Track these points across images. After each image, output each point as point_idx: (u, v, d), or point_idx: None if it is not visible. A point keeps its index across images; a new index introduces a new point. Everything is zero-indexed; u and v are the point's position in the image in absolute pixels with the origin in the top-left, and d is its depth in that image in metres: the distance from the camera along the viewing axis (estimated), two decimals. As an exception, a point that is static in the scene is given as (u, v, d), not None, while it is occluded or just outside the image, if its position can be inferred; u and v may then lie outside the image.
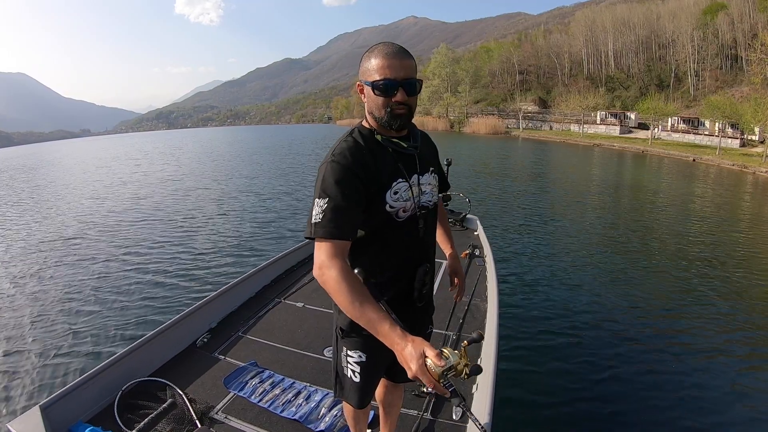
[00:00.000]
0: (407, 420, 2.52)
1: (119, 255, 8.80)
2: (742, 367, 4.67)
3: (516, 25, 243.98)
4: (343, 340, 1.79)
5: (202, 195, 16.24)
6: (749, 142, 33.04)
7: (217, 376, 2.94)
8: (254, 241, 9.57)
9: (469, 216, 6.66)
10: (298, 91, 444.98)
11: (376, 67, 1.50)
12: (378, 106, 1.54)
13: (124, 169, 28.39)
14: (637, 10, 60.28)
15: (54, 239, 10.47)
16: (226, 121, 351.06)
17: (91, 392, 2.62)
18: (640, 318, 5.85)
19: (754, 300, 6.54)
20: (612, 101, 52.99)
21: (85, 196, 17.73)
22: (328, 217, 1.43)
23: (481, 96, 68.75)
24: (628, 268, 7.86)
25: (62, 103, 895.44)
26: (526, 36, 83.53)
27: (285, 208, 13.16)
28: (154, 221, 11.97)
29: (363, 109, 1.66)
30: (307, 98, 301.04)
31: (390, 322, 1.32)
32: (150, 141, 77.57)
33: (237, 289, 4.05)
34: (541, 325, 5.47)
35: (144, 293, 6.68)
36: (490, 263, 4.58)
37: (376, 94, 1.52)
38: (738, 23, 48.32)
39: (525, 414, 3.82)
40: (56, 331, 5.59)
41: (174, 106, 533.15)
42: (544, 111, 59.50)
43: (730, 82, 46.96)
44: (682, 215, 12.29)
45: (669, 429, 3.73)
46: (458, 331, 3.50)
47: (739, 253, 8.81)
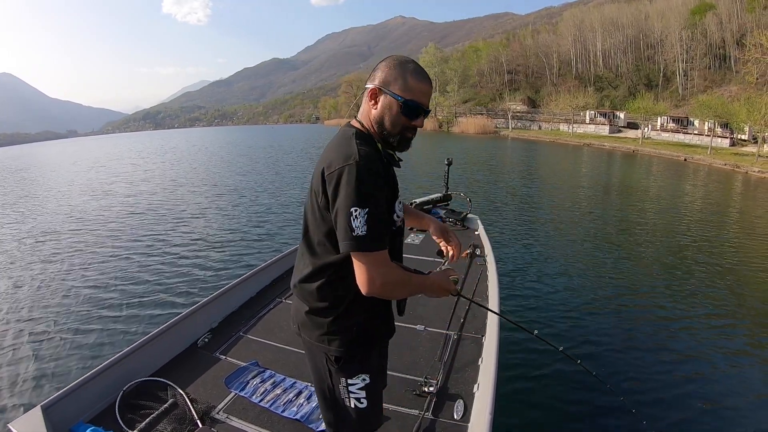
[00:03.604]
0: (408, 420, 2.50)
1: (120, 255, 8.76)
2: (747, 364, 4.72)
3: (504, 25, 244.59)
4: (339, 371, 1.65)
5: (203, 195, 16.02)
6: (739, 141, 33.23)
7: (219, 376, 2.93)
8: (256, 241, 9.53)
9: (469, 216, 6.63)
10: (286, 91, 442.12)
11: (413, 86, 1.50)
12: (395, 123, 1.53)
13: (122, 169, 27.72)
14: (625, 10, 60.65)
15: (54, 240, 10.29)
16: (213, 122, 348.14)
17: (93, 392, 2.60)
18: (641, 316, 5.89)
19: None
20: (601, 101, 53.08)
21: (84, 195, 17.45)
22: (373, 228, 1.38)
23: (470, 96, 68.78)
24: (630, 267, 7.91)
25: (48, 103, 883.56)
26: (515, 36, 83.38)
27: (285, 208, 13.03)
28: (154, 221, 11.87)
29: (350, 110, 1.30)
30: (295, 98, 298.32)
31: (422, 276, 1.59)
32: (139, 141, 76.37)
33: (238, 289, 4.03)
34: (542, 324, 5.48)
35: (145, 293, 6.68)
36: (491, 263, 4.53)
37: (402, 112, 1.51)
38: (726, 23, 48.91)
39: (526, 413, 3.84)
40: (57, 331, 5.56)
41: (161, 107, 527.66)
42: (533, 111, 59.58)
43: (719, 82, 47.32)
44: (684, 217, 12.13)
45: (671, 425, 3.73)
46: (459, 330, 3.45)
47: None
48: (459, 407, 2.57)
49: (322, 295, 1.59)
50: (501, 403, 2.71)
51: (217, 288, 4.14)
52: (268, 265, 4.57)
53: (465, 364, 3.03)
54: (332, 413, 1.75)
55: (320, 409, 1.83)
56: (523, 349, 4.79)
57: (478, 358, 3.03)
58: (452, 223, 6.45)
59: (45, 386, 4.34)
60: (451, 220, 6.48)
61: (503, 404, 3.33)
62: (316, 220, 1.54)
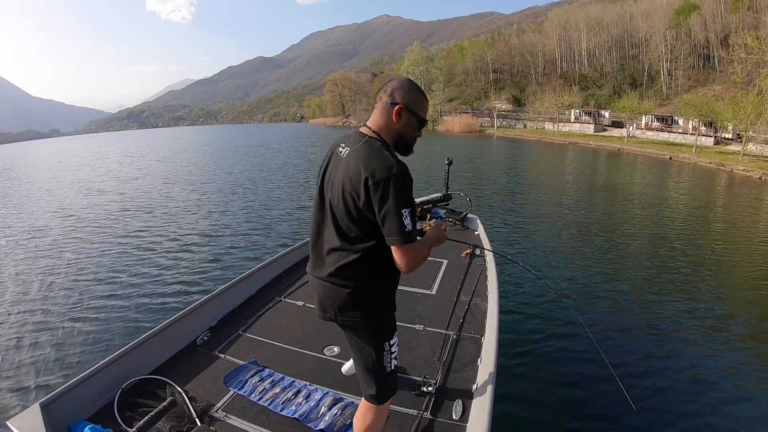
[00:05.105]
0: (407, 419, 2.50)
1: (119, 253, 8.76)
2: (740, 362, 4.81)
3: (489, 25, 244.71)
4: (383, 337, 2.02)
5: (202, 193, 15.85)
6: (723, 139, 33.49)
7: (217, 375, 2.92)
8: (254, 239, 9.52)
9: (469, 215, 6.60)
10: (271, 90, 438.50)
11: (426, 107, 1.97)
12: (413, 134, 1.96)
13: (120, 168, 27.24)
14: (610, 10, 60.99)
15: (52, 239, 10.23)
16: (197, 121, 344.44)
17: (92, 390, 2.59)
18: (642, 315, 5.92)
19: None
20: (586, 99, 53.25)
21: (81, 193, 17.30)
22: (414, 224, 1.78)
23: (455, 94, 68.71)
24: (631, 266, 7.93)
25: (31, 102, 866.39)
26: (500, 35, 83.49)
27: (284, 207, 12.98)
28: (153, 219, 11.89)
29: (335, 108, 1.94)
30: (280, 97, 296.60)
31: (428, 239, 2.04)
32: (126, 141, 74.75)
33: (237, 287, 4.03)
34: (541, 324, 5.51)
35: (144, 291, 6.68)
36: (491, 263, 4.49)
37: (419, 126, 1.95)
38: (710, 23, 49.38)
39: (526, 412, 3.85)
40: (57, 328, 5.58)
41: (145, 105, 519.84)
42: (518, 109, 59.65)
43: (703, 81, 47.73)
44: (674, 216, 12.20)
45: (672, 424, 3.76)
46: (458, 330, 3.43)
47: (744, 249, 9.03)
48: (458, 407, 2.55)
49: (363, 276, 1.90)
50: (500, 403, 2.71)
51: (217, 286, 4.16)
52: (268, 263, 4.57)
53: (464, 364, 3.01)
54: (374, 381, 2.04)
55: (362, 382, 2.08)
56: (521, 350, 4.83)
57: (477, 358, 3.02)
58: (452, 223, 6.40)
59: (44, 384, 4.35)
60: (451, 220, 6.43)
61: (502, 404, 3.35)
62: (353, 217, 1.84)
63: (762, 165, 22.38)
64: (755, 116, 25.45)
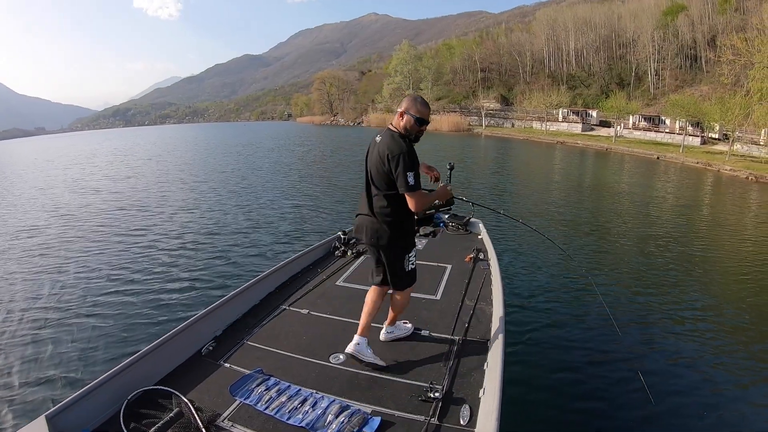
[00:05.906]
0: (414, 426, 2.48)
1: (124, 263, 8.54)
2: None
3: (477, 23, 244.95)
4: (404, 251, 3.07)
5: (204, 199, 15.36)
6: (710, 139, 33.78)
7: (223, 384, 2.88)
8: (259, 247, 9.28)
9: (472, 220, 6.57)
10: (258, 88, 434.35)
11: (420, 110, 2.91)
12: (412, 128, 2.93)
13: (120, 169, 26.48)
14: (598, 10, 61.36)
15: (56, 246, 9.89)
16: (184, 119, 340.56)
17: (97, 401, 2.58)
18: (646, 318, 5.90)
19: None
20: (573, 99, 53.37)
21: (84, 199, 16.48)
22: (417, 180, 2.81)
23: (443, 93, 68.57)
24: (635, 267, 7.92)
25: (17, 99, 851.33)
26: (488, 34, 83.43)
27: (289, 214, 12.42)
28: (157, 228, 11.33)
29: (323, 106, 59.99)
30: (267, 95, 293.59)
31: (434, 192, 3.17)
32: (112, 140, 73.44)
33: (242, 296, 4.02)
34: (547, 328, 5.49)
35: (149, 302, 6.60)
36: (495, 267, 4.53)
37: (418, 123, 2.92)
38: (698, 24, 49.89)
39: (533, 417, 3.86)
40: (61, 340, 5.53)
41: (131, 103, 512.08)
42: (507, 108, 59.82)
43: (690, 82, 48.20)
44: (663, 213, 12.19)
45: (680, 425, 3.77)
46: (464, 335, 3.42)
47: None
48: (465, 412, 2.53)
49: (393, 213, 2.94)
50: (507, 408, 2.66)
51: (221, 296, 4.15)
52: (273, 272, 4.57)
53: (470, 369, 2.98)
54: (399, 277, 3.11)
55: (392, 280, 3.14)
56: (529, 353, 4.84)
57: (484, 363, 3.01)
58: (455, 227, 6.39)
59: (49, 396, 4.35)
60: (454, 225, 6.40)
61: (510, 409, 3.30)
62: (382, 176, 2.88)
63: (748, 165, 22.56)
64: (743, 117, 25.63)
